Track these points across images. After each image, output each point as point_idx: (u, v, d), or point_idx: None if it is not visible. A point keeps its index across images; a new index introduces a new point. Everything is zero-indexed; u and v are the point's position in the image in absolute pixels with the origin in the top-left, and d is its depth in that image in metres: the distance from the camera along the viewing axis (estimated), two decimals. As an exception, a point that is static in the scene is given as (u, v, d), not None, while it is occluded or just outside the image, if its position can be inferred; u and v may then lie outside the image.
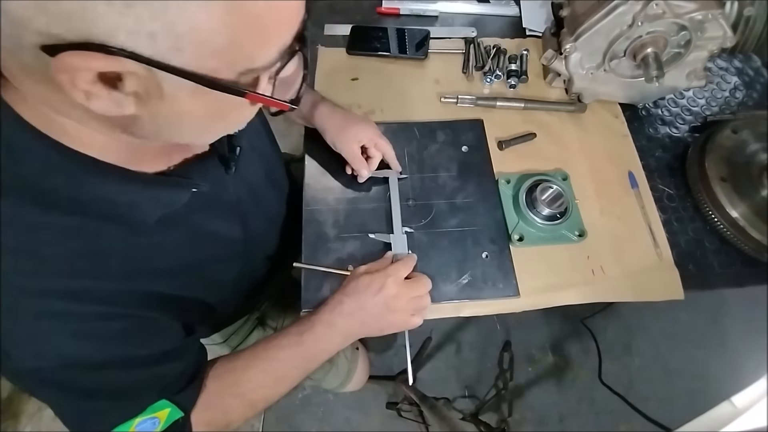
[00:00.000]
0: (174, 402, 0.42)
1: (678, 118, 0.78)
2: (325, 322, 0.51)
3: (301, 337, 0.50)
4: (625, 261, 0.63)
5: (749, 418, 0.43)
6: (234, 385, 0.48)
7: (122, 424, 0.39)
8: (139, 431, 0.40)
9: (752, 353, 1.21)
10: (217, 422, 0.47)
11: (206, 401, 0.46)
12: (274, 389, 0.50)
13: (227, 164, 0.45)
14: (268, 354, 0.50)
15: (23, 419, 1.25)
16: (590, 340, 0.99)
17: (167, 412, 0.42)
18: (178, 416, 0.43)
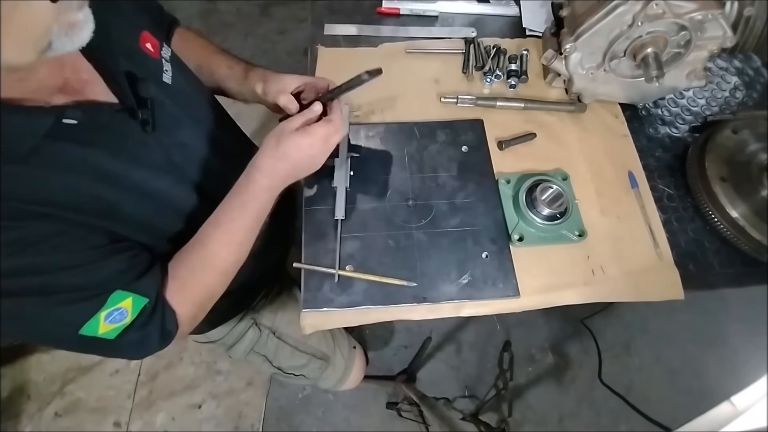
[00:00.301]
0: (132, 290, 0.45)
1: (678, 118, 0.78)
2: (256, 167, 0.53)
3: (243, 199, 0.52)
4: (625, 261, 0.63)
5: (749, 418, 0.43)
6: (206, 261, 0.51)
7: (88, 321, 0.42)
8: (110, 323, 0.43)
9: (752, 353, 1.22)
10: (198, 295, 0.52)
11: (181, 283, 0.50)
12: (239, 251, 0.54)
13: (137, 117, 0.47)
14: (222, 225, 0.52)
15: (23, 419, 1.25)
16: (590, 340, 0.99)
17: (131, 301, 0.44)
18: (144, 303, 0.46)
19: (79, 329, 0.42)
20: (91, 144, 0.43)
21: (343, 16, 0.84)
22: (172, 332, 0.49)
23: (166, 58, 0.55)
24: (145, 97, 0.47)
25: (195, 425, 1.26)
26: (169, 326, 0.49)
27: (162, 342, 0.48)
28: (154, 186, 0.50)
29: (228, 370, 1.32)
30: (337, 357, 0.91)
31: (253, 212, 0.53)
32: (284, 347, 0.84)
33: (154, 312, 0.47)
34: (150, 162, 0.49)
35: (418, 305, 0.59)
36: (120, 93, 0.46)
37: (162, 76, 0.53)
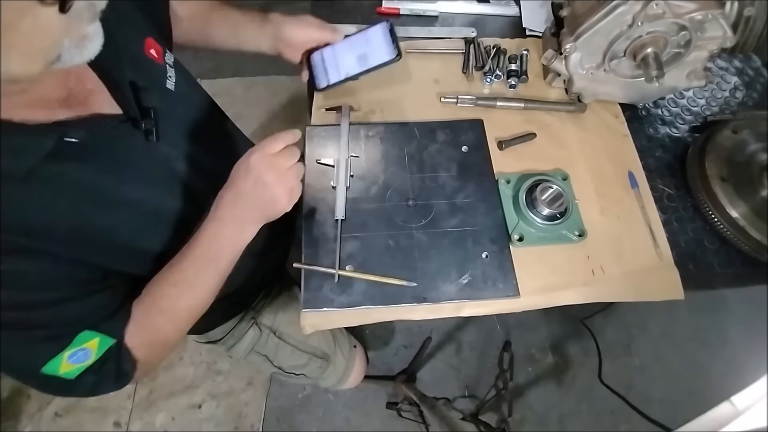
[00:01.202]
0: (100, 331, 0.44)
1: (678, 118, 0.78)
2: (212, 219, 0.50)
3: (197, 242, 0.50)
4: (625, 261, 0.63)
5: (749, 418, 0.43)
6: (154, 304, 0.50)
7: (51, 359, 0.41)
8: (72, 363, 0.42)
9: (752, 353, 1.22)
10: (153, 340, 0.50)
11: (136, 326, 0.48)
12: (192, 297, 0.51)
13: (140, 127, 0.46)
14: (174, 267, 0.50)
15: (23, 419, 1.25)
16: (590, 340, 0.99)
17: (97, 342, 0.44)
18: (110, 344, 0.45)
19: (41, 368, 0.41)
20: (91, 160, 0.42)
21: (343, 16, 0.84)
22: (129, 374, 0.48)
23: (170, 64, 0.55)
24: (148, 106, 0.47)
25: (195, 425, 1.26)
26: (126, 367, 0.47)
27: (117, 384, 0.47)
28: (156, 200, 0.49)
29: (228, 370, 1.32)
30: (337, 356, 0.91)
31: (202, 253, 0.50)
32: (285, 347, 0.84)
33: (115, 353, 0.46)
34: (152, 173, 0.49)
35: (418, 305, 0.59)
36: (124, 103, 0.45)
37: (166, 82, 0.53)
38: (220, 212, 0.50)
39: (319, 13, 0.83)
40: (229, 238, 0.51)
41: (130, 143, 0.46)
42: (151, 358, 0.51)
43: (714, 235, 0.68)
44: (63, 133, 0.39)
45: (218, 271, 0.52)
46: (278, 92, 1.71)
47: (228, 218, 0.50)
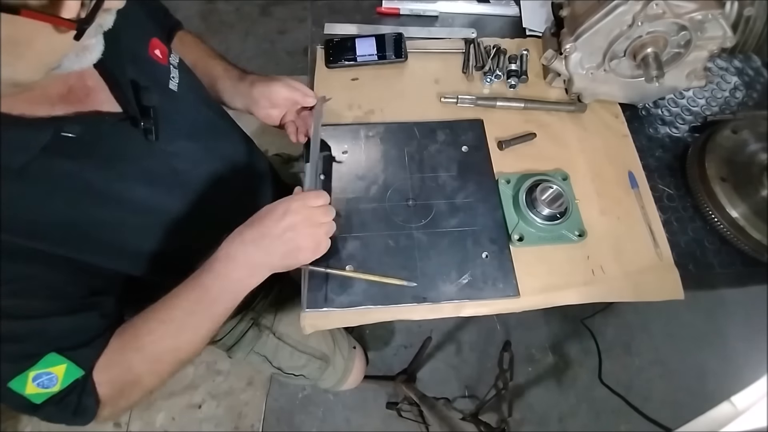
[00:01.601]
0: (69, 358, 0.41)
1: (678, 118, 0.78)
2: (222, 257, 0.47)
3: (198, 280, 0.47)
4: (625, 261, 0.63)
5: (749, 418, 0.43)
6: (133, 339, 0.46)
7: (15, 377, 0.39)
8: (37, 386, 0.40)
9: (752, 353, 1.21)
10: (121, 379, 0.45)
11: (107, 359, 0.44)
12: (177, 339, 0.47)
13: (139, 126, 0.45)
14: (167, 303, 0.47)
15: (23, 419, 1.25)
16: (590, 340, 0.99)
17: (64, 368, 0.41)
18: (78, 375, 0.42)
19: (8, 381, 0.39)
20: (88, 157, 0.41)
21: (343, 16, 0.84)
22: (91, 410, 0.44)
23: (174, 65, 0.54)
24: (148, 105, 0.46)
25: (195, 425, 1.26)
26: (88, 402, 0.43)
27: (75, 419, 0.43)
28: (153, 199, 0.49)
29: (228, 370, 1.32)
30: (337, 357, 0.91)
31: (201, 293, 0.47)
32: (284, 347, 0.84)
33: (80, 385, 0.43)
34: (151, 172, 0.48)
35: (418, 305, 0.59)
36: (123, 101, 0.45)
37: (169, 83, 0.52)
38: (234, 251, 0.48)
39: (319, 13, 0.84)
40: (235, 281, 0.48)
41: (129, 142, 0.46)
42: (117, 399, 0.46)
43: (714, 235, 0.68)
44: (59, 128, 0.39)
45: (213, 316, 0.49)
46: (278, 92, 1.71)
47: (241, 259, 0.48)
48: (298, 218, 0.48)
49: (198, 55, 0.68)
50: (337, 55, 0.76)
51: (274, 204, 0.50)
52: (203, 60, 0.68)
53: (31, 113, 0.38)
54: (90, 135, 0.41)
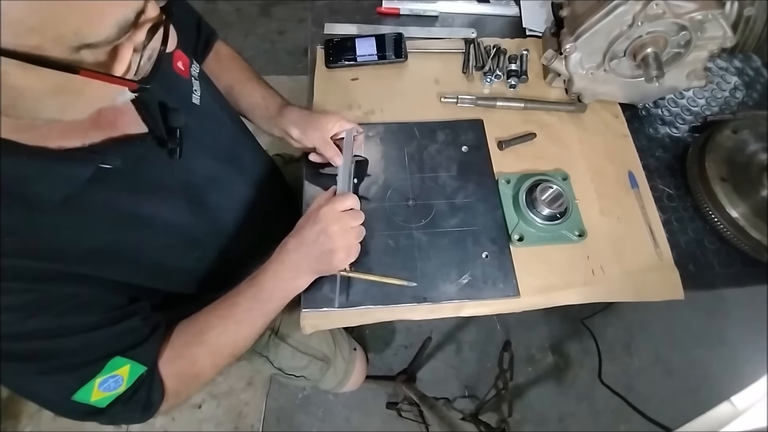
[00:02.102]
0: (131, 357, 0.43)
1: (678, 118, 0.78)
2: (274, 261, 0.53)
3: (255, 279, 0.52)
4: (625, 261, 0.63)
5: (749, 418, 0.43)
6: (197, 335, 0.50)
7: (83, 386, 0.40)
8: (104, 390, 0.42)
9: (752, 353, 1.22)
10: (186, 372, 0.49)
11: (173, 353, 0.48)
12: (236, 334, 0.52)
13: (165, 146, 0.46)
14: (226, 301, 0.52)
15: (23, 419, 1.25)
16: (590, 340, 0.99)
17: (128, 369, 0.43)
18: (142, 371, 0.44)
19: (72, 394, 0.40)
20: (120, 182, 0.42)
21: (343, 16, 0.84)
22: (156, 404, 0.47)
23: (195, 76, 0.54)
24: (176, 126, 0.46)
25: (195, 425, 1.26)
26: (155, 397, 0.46)
27: (143, 415, 0.46)
28: (176, 216, 0.49)
29: (228, 370, 1.32)
30: (337, 359, 0.91)
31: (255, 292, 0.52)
32: (285, 348, 0.84)
33: (147, 381, 0.45)
34: (172, 189, 0.48)
35: (419, 305, 0.59)
36: (151, 122, 0.45)
37: (192, 97, 0.52)
38: (282, 256, 0.53)
39: (319, 13, 0.84)
40: (284, 281, 0.53)
41: (154, 161, 0.46)
42: (180, 390, 0.50)
43: (714, 235, 0.68)
44: (100, 160, 0.39)
45: (266, 313, 0.54)
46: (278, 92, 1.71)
47: (287, 263, 0.53)
48: (329, 222, 0.52)
49: (236, 78, 0.68)
50: (337, 55, 0.76)
51: (309, 211, 0.55)
52: (241, 83, 0.68)
53: (66, 144, 0.38)
54: (127, 163, 0.41)
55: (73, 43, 0.28)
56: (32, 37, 0.26)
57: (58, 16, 0.26)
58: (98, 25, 0.28)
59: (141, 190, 0.44)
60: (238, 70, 0.69)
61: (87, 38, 0.28)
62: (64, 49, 0.28)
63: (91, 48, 0.29)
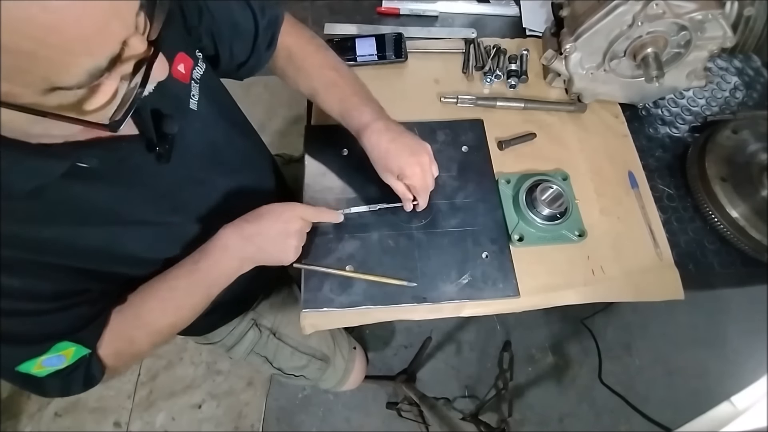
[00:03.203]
0: (76, 341, 0.44)
1: (678, 118, 0.78)
2: (221, 246, 0.51)
3: (196, 264, 0.51)
4: (625, 261, 0.63)
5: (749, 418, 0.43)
6: (135, 317, 0.50)
7: (26, 362, 0.41)
8: (46, 365, 0.43)
9: (752, 353, 1.22)
10: (124, 351, 0.50)
11: (112, 335, 0.48)
12: (176, 316, 0.52)
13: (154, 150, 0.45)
14: (166, 284, 0.51)
15: (23, 419, 1.25)
16: (590, 340, 0.99)
17: (72, 351, 0.44)
18: (84, 353, 0.45)
19: (16, 366, 0.41)
20: (99, 180, 0.42)
21: (343, 16, 0.84)
22: (97, 378, 0.48)
23: (195, 80, 0.52)
24: (168, 133, 0.46)
25: (195, 425, 1.26)
26: (95, 373, 0.48)
27: (85, 387, 0.48)
28: (159, 217, 0.49)
29: (228, 370, 1.32)
30: (337, 358, 0.91)
31: (199, 277, 0.51)
32: (284, 348, 0.84)
33: (86, 360, 0.46)
34: (158, 192, 0.48)
35: (418, 305, 0.59)
36: (142, 126, 0.45)
37: (189, 102, 0.51)
38: (232, 243, 0.51)
39: (319, 13, 0.84)
40: (229, 269, 0.53)
41: (141, 163, 0.45)
42: (119, 366, 0.51)
43: (714, 235, 0.68)
44: (77, 159, 0.39)
45: (209, 297, 0.53)
46: (278, 92, 1.71)
47: (235, 251, 0.52)
48: (294, 225, 0.53)
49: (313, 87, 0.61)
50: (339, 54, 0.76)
51: (274, 205, 0.53)
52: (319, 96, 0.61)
53: (47, 141, 0.37)
54: (105, 163, 0.41)
55: (44, 87, 0.28)
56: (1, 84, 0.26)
57: (23, 67, 0.26)
58: (64, 75, 0.28)
59: (120, 190, 0.44)
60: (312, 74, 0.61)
61: (56, 84, 0.28)
62: (35, 92, 0.28)
63: (63, 90, 0.29)
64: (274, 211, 0.53)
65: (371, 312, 0.59)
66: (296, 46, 0.62)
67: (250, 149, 0.67)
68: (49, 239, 0.40)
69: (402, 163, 0.55)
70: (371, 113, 0.58)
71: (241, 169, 0.62)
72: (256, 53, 0.60)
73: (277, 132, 1.63)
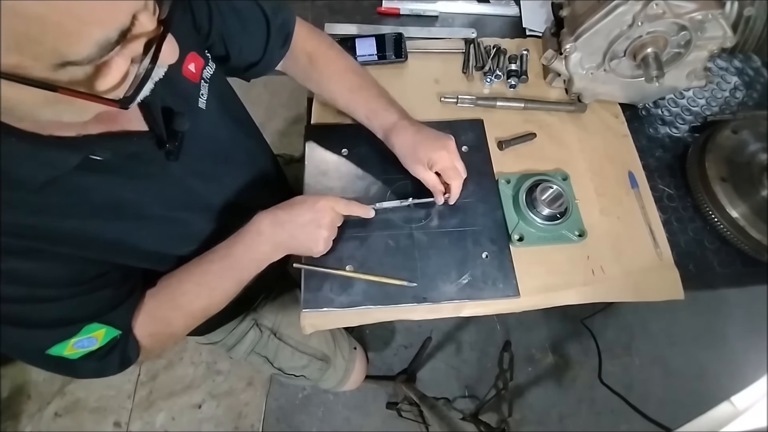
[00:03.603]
0: (106, 323, 0.45)
1: (678, 118, 0.78)
2: (255, 231, 0.52)
3: (230, 249, 0.52)
4: (625, 261, 0.63)
5: (749, 418, 0.43)
6: (171, 299, 0.51)
7: (57, 344, 0.42)
8: (77, 347, 0.44)
9: (752, 353, 1.22)
10: (161, 332, 0.52)
11: (147, 316, 0.50)
12: (210, 299, 0.54)
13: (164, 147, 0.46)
14: (200, 268, 0.52)
15: (23, 419, 1.25)
16: (590, 340, 0.99)
17: (102, 332, 0.45)
18: (114, 334, 0.46)
19: (46, 350, 0.42)
20: (111, 173, 0.42)
21: (343, 16, 0.84)
22: (133, 359, 0.50)
23: (205, 79, 0.53)
24: (178, 131, 0.47)
25: (195, 425, 1.26)
26: (130, 354, 0.49)
27: (120, 368, 0.49)
28: (170, 213, 0.50)
29: (228, 370, 1.32)
30: (337, 358, 0.91)
31: (232, 261, 0.53)
32: (285, 348, 0.84)
33: (120, 342, 0.47)
34: (167, 188, 0.49)
35: (418, 305, 0.59)
36: (152, 123, 0.45)
37: (198, 101, 0.51)
38: (264, 228, 0.53)
39: (319, 13, 0.84)
40: (261, 254, 0.54)
41: (150, 159, 0.46)
42: (155, 347, 0.52)
43: (714, 235, 0.68)
44: (90, 151, 0.39)
45: (241, 282, 0.55)
46: (278, 92, 1.71)
47: (268, 237, 0.53)
48: (324, 216, 0.54)
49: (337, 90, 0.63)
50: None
51: (309, 195, 0.55)
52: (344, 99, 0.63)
53: (61, 133, 0.38)
54: (117, 156, 0.42)
55: (54, 61, 0.28)
56: (11, 56, 0.26)
57: (33, 37, 0.26)
58: (75, 45, 0.28)
59: (130, 184, 0.45)
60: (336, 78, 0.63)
61: (66, 57, 0.28)
62: (45, 67, 0.28)
63: (74, 65, 0.29)
64: (308, 200, 0.54)
65: (371, 312, 0.59)
66: (318, 51, 0.64)
67: (255, 148, 0.67)
68: (63, 230, 0.40)
69: (429, 150, 0.58)
70: (397, 114, 0.61)
71: (247, 168, 0.63)
72: (269, 54, 0.60)
73: (277, 132, 1.63)
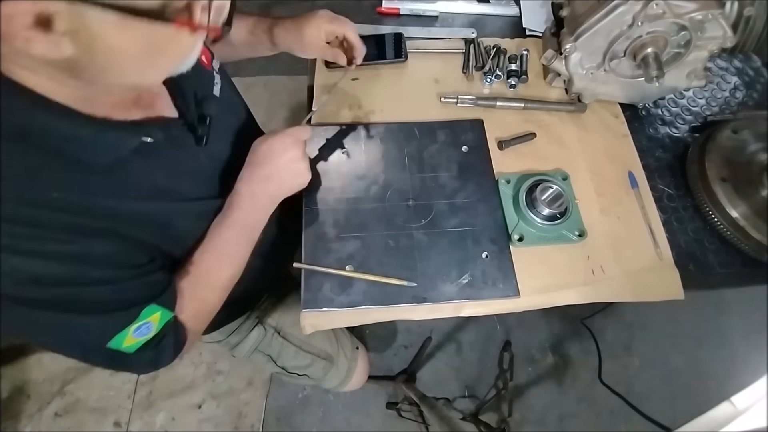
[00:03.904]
0: (161, 304, 0.46)
1: (678, 118, 0.78)
2: (248, 196, 0.54)
3: (233, 218, 0.54)
4: (625, 261, 0.63)
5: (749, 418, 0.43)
6: (200, 277, 0.53)
7: (119, 333, 0.42)
8: (136, 336, 0.44)
9: (752, 353, 1.22)
10: (201, 311, 0.54)
11: (184, 299, 0.50)
12: (232, 266, 0.56)
13: (195, 132, 0.49)
14: (212, 243, 0.54)
15: (23, 419, 1.25)
16: (590, 340, 0.99)
17: (158, 316, 0.46)
18: (169, 317, 0.47)
19: (108, 341, 0.42)
20: (156, 157, 0.44)
21: (343, 16, 0.84)
22: (183, 343, 0.51)
23: (216, 69, 0.56)
24: (207, 114, 0.49)
25: (195, 425, 1.26)
26: (181, 339, 0.50)
27: (175, 353, 0.50)
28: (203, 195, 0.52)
29: (228, 370, 1.32)
30: (340, 358, 0.91)
31: (240, 226, 0.54)
32: (288, 347, 0.84)
33: (172, 325, 0.48)
34: (197, 171, 0.51)
35: (418, 305, 0.59)
36: (184, 108, 0.48)
37: (213, 88, 0.55)
38: (255, 189, 0.54)
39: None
40: (264, 210, 0.56)
41: (182, 145, 0.49)
42: (198, 328, 0.54)
43: (714, 235, 0.68)
44: (146, 133, 0.41)
45: (253, 241, 0.57)
46: (278, 92, 1.71)
47: (262, 195, 0.55)
48: (296, 150, 0.55)
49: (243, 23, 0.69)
50: None
51: (268, 142, 0.55)
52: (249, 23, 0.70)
53: (112, 116, 0.40)
54: (163, 140, 0.44)
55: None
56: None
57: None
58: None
59: (171, 168, 0.47)
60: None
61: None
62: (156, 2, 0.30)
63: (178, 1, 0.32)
64: (273, 144, 0.54)
65: (371, 312, 0.59)
66: None
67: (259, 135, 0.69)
68: (124, 212, 0.42)
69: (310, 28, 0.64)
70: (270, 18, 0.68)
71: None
72: None
73: (272, 122, 1.63)
